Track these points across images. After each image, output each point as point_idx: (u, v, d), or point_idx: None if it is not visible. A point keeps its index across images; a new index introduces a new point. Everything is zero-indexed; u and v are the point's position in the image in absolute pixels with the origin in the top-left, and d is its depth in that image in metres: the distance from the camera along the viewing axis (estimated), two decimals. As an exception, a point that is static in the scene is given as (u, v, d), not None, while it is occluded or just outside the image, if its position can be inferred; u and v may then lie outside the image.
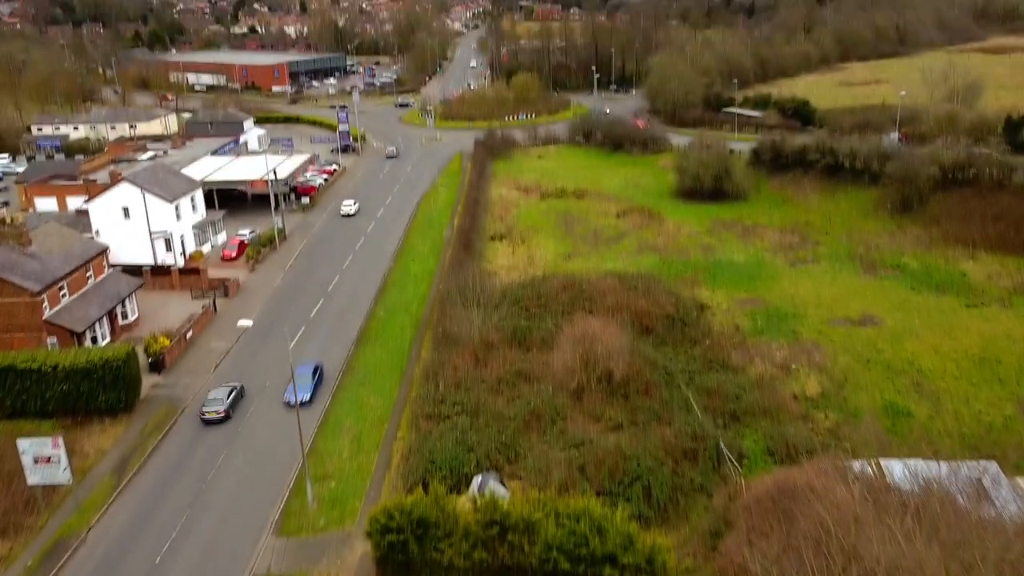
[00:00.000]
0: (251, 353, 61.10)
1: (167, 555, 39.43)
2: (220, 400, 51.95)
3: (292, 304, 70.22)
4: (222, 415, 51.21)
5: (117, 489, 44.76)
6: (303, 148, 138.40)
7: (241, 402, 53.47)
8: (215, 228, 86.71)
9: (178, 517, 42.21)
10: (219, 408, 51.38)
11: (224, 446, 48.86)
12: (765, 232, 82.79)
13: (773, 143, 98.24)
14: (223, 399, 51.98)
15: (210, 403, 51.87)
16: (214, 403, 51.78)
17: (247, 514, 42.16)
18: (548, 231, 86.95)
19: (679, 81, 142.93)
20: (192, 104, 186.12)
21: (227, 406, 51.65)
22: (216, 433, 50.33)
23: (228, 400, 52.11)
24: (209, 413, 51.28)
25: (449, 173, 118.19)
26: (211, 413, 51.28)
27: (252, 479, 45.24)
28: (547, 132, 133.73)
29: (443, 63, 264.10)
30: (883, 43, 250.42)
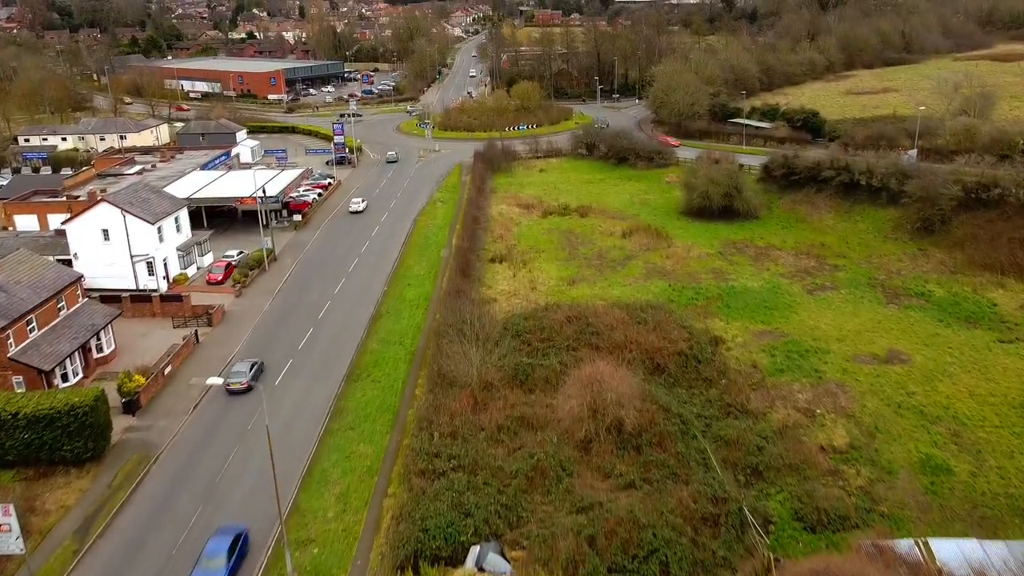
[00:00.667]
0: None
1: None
2: (243, 373, 56.78)
3: (279, 334, 66.08)
4: (245, 387, 55.70)
5: (78, 556, 40.60)
6: (298, 160, 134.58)
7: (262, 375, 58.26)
8: (201, 249, 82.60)
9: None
10: (242, 380, 56.01)
11: (200, 502, 44.75)
12: (779, 255, 78.68)
13: (785, 159, 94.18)
14: (246, 372, 56.89)
15: (234, 375, 56.75)
16: (238, 375, 56.60)
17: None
18: (550, 252, 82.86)
19: (684, 91, 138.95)
20: (185, 113, 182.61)
21: (249, 378, 56.28)
22: (192, 486, 46.20)
23: (250, 373, 56.93)
24: (233, 385, 55.86)
25: (447, 187, 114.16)
26: (235, 385, 55.87)
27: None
28: (549, 144, 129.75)
29: (443, 70, 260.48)
30: (888, 50, 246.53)
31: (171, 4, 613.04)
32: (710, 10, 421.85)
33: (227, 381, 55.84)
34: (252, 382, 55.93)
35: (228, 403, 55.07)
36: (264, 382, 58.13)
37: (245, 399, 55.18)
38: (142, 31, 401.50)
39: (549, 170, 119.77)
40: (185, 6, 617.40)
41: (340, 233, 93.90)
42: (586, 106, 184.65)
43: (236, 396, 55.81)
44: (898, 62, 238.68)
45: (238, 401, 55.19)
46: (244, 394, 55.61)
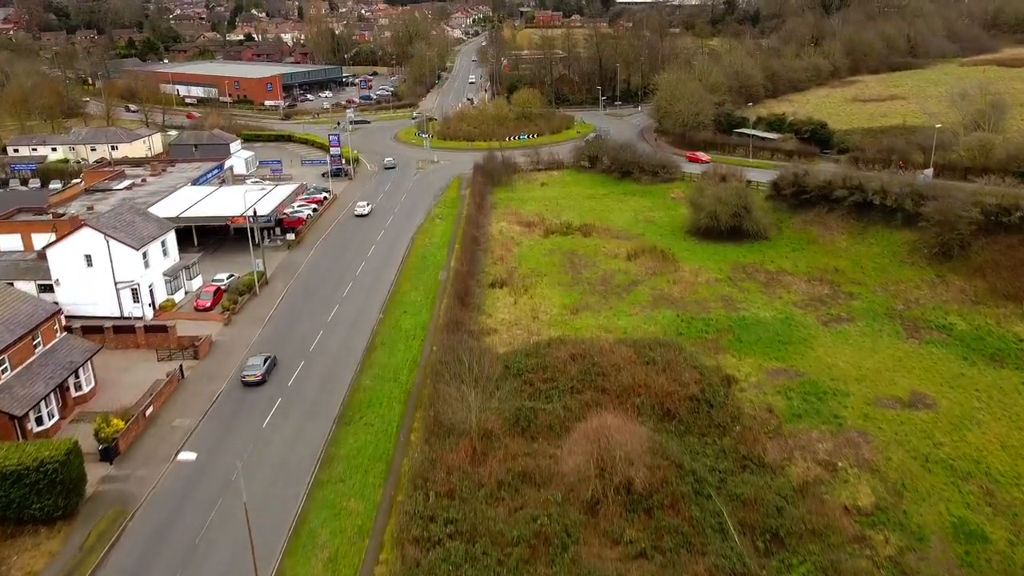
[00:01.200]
0: (218, 434, 53.78)
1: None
2: (258, 366, 60.65)
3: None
4: (259, 379, 59.72)
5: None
6: (293, 171, 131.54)
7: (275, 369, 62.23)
8: (190, 273, 79.41)
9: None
10: (257, 372, 59.98)
11: (178, 567, 41.62)
12: (791, 281, 75.51)
13: (795, 176, 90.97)
14: (260, 365, 60.73)
15: (249, 368, 60.60)
16: (253, 368, 60.47)
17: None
18: (553, 276, 79.68)
19: (688, 101, 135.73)
20: (180, 119, 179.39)
21: (264, 371, 60.25)
22: (170, 548, 43.07)
23: (264, 366, 60.75)
24: (249, 377, 59.75)
25: (446, 201, 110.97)
26: (250, 377, 59.76)
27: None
28: (550, 155, 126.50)
29: (442, 74, 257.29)
30: (894, 55, 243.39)
31: (169, 5, 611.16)
32: (712, 12, 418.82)
33: (242, 374, 60.34)
34: (266, 375, 60.24)
35: (212, 448, 51.94)
36: (252, 423, 55.14)
37: (234, 438, 52.11)
38: (140, 32, 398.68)
39: (551, 184, 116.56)
40: (183, 6, 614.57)
41: (335, 253, 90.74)
42: (587, 113, 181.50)
43: (250, 390, 59.14)
44: (903, 67, 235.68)
45: (223, 444, 52.06)
46: (258, 386, 59.70)
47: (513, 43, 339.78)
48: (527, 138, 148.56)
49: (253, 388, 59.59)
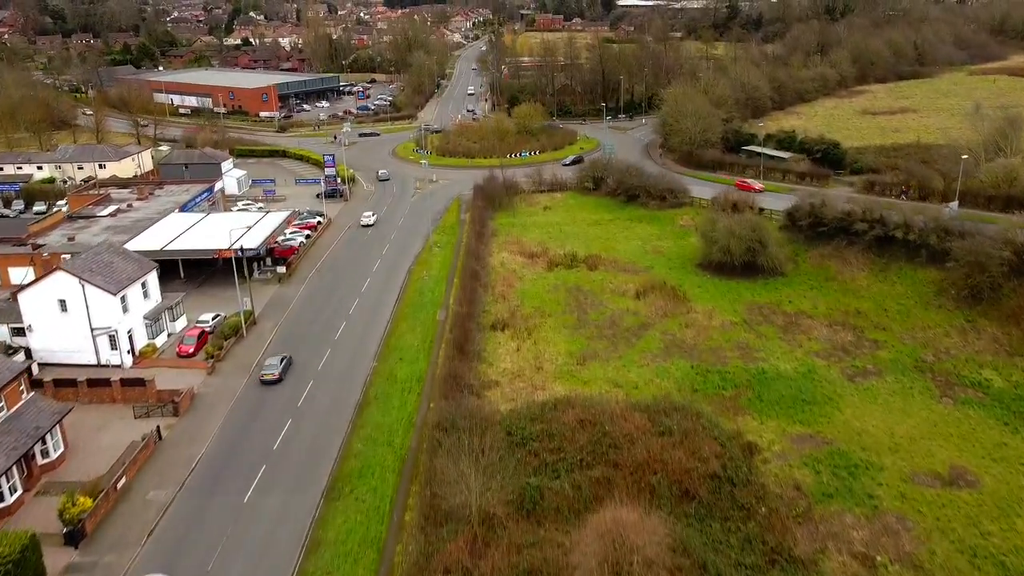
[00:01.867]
0: (194, 513, 49.31)
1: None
2: (275, 366, 65.68)
3: (252, 428, 58.50)
4: (277, 378, 64.71)
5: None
6: (287, 191, 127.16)
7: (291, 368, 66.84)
8: (173, 313, 74.94)
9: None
10: (274, 372, 65.00)
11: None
12: (811, 325, 71.06)
13: (811, 207, 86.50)
14: (277, 364, 65.77)
15: (267, 368, 65.66)
16: (270, 368, 65.57)
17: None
18: (557, 317, 75.25)
19: (695, 117, 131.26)
20: (173, 132, 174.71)
21: (280, 370, 65.28)
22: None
23: (281, 366, 65.71)
24: (267, 376, 64.83)
25: (445, 227, 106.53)
26: (268, 375, 64.84)
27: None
28: (553, 176, 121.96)
29: (441, 82, 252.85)
30: (901, 63, 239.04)
31: (167, 6, 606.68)
32: (715, 16, 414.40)
33: (261, 373, 65.30)
34: (283, 374, 65.14)
35: (188, 525, 47.52)
36: (233, 496, 50.72)
37: (211, 518, 47.66)
38: (136, 35, 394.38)
39: (554, 208, 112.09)
40: (181, 8, 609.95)
41: (328, 286, 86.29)
42: (590, 126, 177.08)
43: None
44: (911, 75, 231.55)
45: (198, 526, 47.59)
46: (276, 384, 64.43)
47: (513, 49, 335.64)
48: (529, 155, 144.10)
49: (236, 454, 55.14)
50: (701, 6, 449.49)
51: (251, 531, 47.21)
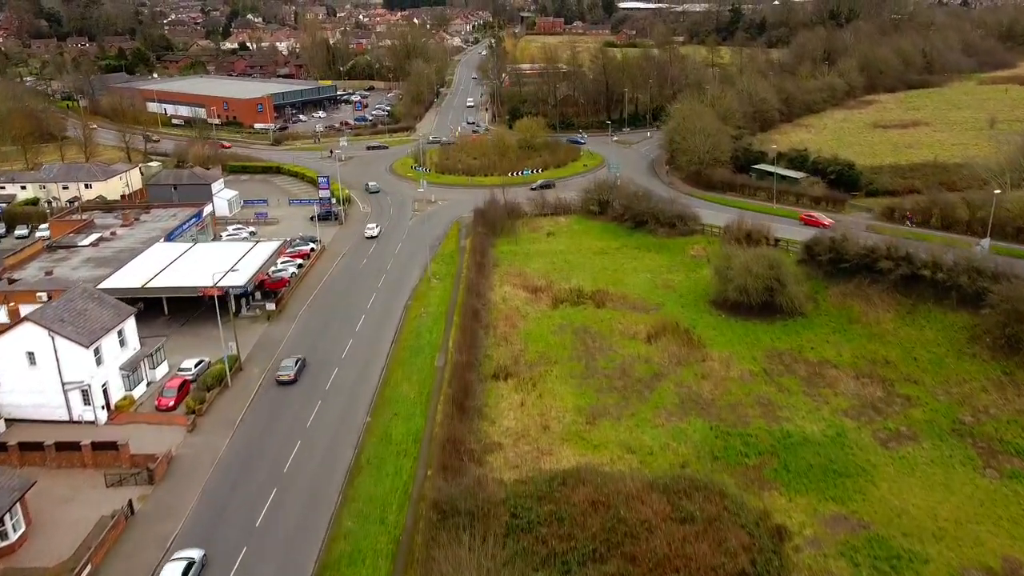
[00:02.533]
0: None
1: None
2: (290, 367, 69.57)
3: (233, 501, 53.66)
4: (292, 379, 68.67)
5: None
6: (280, 212, 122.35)
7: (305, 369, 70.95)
8: (153, 360, 70.10)
9: None
10: (290, 373, 68.91)
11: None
12: (836, 377, 66.20)
13: (832, 243, 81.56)
14: (292, 366, 69.69)
15: (283, 369, 69.65)
16: (286, 369, 69.49)
17: None
18: (564, 364, 70.42)
19: (703, 135, 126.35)
20: (165, 145, 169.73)
21: (295, 371, 69.27)
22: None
23: (296, 367, 69.72)
24: (282, 376, 68.62)
25: (444, 255, 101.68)
26: (284, 376, 68.66)
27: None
28: (557, 198, 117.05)
29: (441, 90, 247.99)
30: (910, 71, 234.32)
31: (164, 9, 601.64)
32: (717, 19, 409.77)
33: (277, 373, 69.34)
34: (297, 375, 69.33)
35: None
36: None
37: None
38: (132, 39, 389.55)
39: (558, 233, 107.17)
40: (179, 11, 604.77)
41: (320, 325, 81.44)
42: (594, 138, 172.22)
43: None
44: (920, 85, 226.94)
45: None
46: (291, 384, 68.51)
47: (514, 54, 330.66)
48: (531, 173, 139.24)
49: (215, 533, 50.32)
50: (703, 9, 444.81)
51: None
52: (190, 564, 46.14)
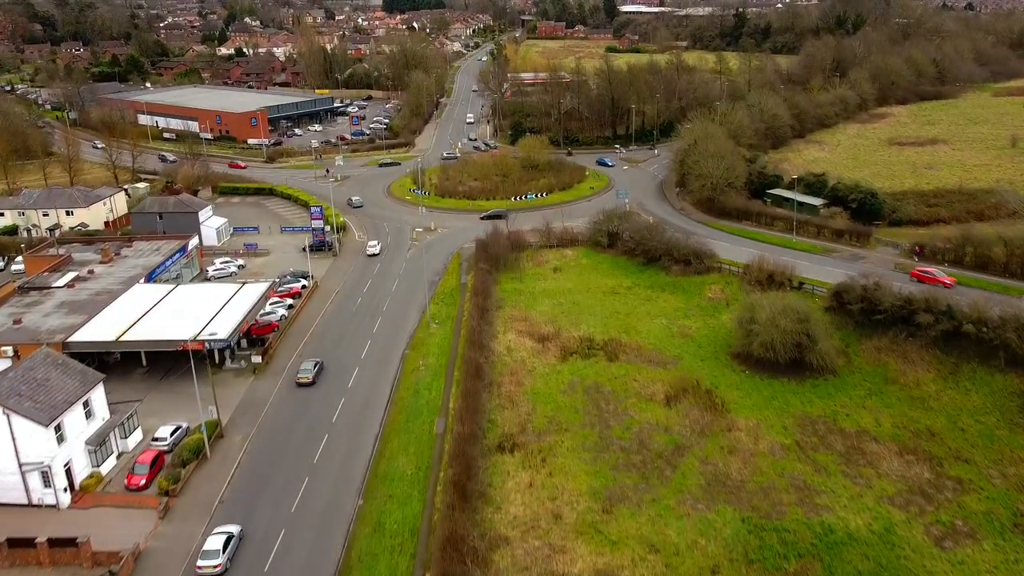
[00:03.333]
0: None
1: None
2: (309, 370, 73.50)
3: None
4: (311, 381, 72.57)
5: None
6: (271, 242, 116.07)
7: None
8: (125, 429, 63.87)
9: None
10: (309, 376, 72.79)
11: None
12: (878, 453, 59.95)
13: (864, 291, 75.32)
14: (311, 369, 73.55)
15: (302, 372, 73.53)
16: (305, 372, 73.41)
17: None
18: (575, 432, 64.21)
19: (717, 159, 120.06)
20: (154, 164, 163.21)
21: (314, 374, 73.22)
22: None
23: (314, 370, 73.68)
24: (302, 379, 72.56)
25: (444, 294, 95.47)
26: (303, 379, 72.62)
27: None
28: (563, 230, 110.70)
29: (441, 100, 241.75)
30: (922, 81, 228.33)
31: (161, 12, 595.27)
32: (721, 24, 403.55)
33: (296, 376, 73.63)
34: (315, 378, 73.55)
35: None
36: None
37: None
38: (127, 43, 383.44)
39: (565, 269, 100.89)
40: (176, 13, 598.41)
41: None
42: (600, 158, 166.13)
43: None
44: (933, 96, 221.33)
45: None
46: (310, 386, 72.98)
47: (515, 62, 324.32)
48: (535, 197, 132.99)
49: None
50: (707, 14, 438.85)
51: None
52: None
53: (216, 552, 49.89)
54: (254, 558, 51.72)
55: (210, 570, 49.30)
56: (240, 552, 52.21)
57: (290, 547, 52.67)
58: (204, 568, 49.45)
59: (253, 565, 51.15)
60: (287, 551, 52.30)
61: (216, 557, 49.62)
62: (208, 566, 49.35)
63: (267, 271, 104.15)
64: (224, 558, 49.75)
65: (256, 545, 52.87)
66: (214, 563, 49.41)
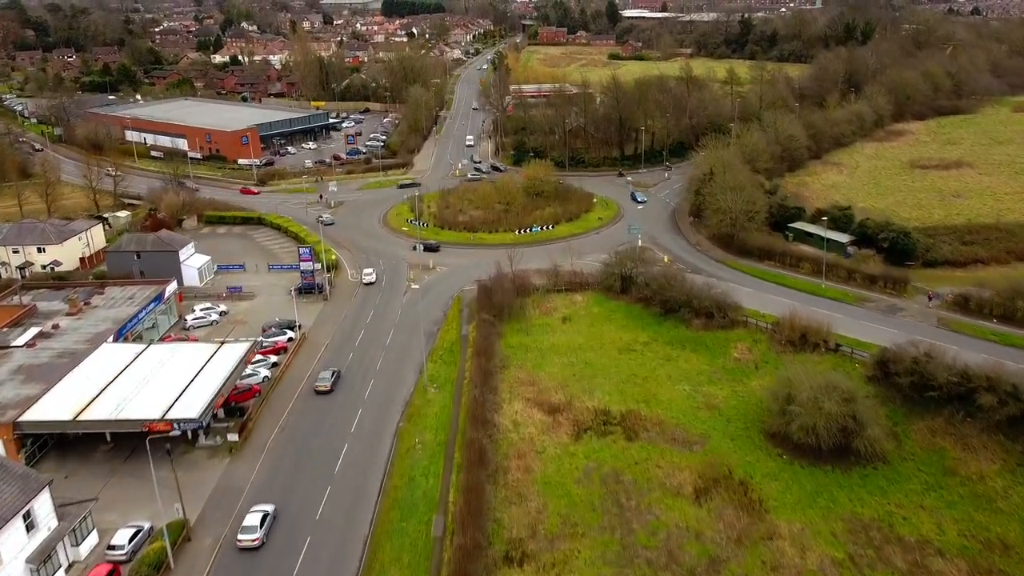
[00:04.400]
0: None
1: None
2: (327, 379, 76.87)
3: None
4: (329, 389, 76.05)
5: None
6: (256, 283, 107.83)
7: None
8: (77, 535, 55.61)
9: None
10: (327, 384, 76.19)
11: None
12: (945, 573, 51.71)
13: (914, 364, 67.15)
14: (329, 377, 77.11)
15: (320, 380, 76.94)
16: (323, 380, 76.74)
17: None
18: (593, 536, 56.04)
19: (736, 192, 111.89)
20: (139, 185, 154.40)
21: (331, 382, 76.80)
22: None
23: (332, 378, 77.21)
24: (320, 387, 76.15)
25: (443, 350, 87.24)
26: (321, 387, 76.16)
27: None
28: (572, 270, 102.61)
29: (440, 114, 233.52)
30: (939, 95, 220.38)
31: (157, 16, 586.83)
32: (727, 31, 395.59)
33: (314, 385, 76.39)
34: (334, 386, 76.38)
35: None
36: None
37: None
38: (120, 50, 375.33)
39: (575, 319, 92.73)
40: (172, 17, 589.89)
41: (292, 463, 66.83)
42: (606, 179, 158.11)
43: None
44: (951, 111, 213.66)
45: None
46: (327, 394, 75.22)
47: (517, 70, 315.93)
48: (540, 230, 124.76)
49: None
50: (711, 20, 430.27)
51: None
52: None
53: (254, 527, 56.20)
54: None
55: (249, 543, 55.50)
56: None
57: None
58: (244, 542, 55.53)
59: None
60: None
61: (254, 532, 55.95)
62: (247, 540, 55.55)
63: (252, 319, 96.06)
64: (261, 533, 56.07)
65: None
66: (252, 537, 55.73)
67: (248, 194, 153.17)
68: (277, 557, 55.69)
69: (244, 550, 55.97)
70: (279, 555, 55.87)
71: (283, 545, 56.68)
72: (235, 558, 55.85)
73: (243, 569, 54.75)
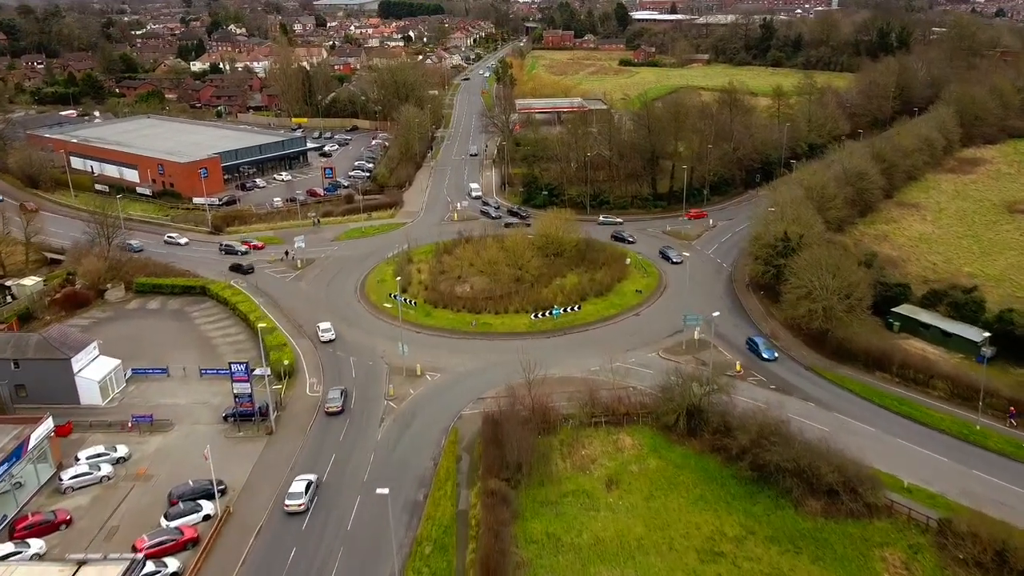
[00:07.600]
0: None
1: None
2: (336, 399, 74.75)
3: None
4: (339, 410, 73.86)
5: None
6: (180, 398, 78.71)
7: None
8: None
9: None
10: (338, 404, 74.17)
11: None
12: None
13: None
14: (338, 398, 74.90)
15: (330, 401, 74.80)
16: (333, 400, 74.70)
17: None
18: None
19: (832, 273, 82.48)
20: (69, 230, 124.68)
21: (341, 402, 74.33)
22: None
23: (342, 398, 74.93)
24: (331, 408, 74.04)
25: (430, 538, 58.16)
26: (332, 408, 74.08)
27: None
28: (613, 388, 73.48)
29: (437, 134, 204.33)
30: (1008, 115, 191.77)
31: (143, 18, 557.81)
32: (747, 35, 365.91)
33: (325, 406, 74.36)
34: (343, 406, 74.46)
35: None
36: None
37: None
38: (91, 54, 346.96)
39: (624, 481, 63.41)
40: (158, 19, 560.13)
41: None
42: (635, 222, 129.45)
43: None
44: (1022, 133, 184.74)
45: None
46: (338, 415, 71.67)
47: (522, 79, 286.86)
48: (562, 312, 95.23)
49: None
50: (729, 23, 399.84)
51: None
52: None
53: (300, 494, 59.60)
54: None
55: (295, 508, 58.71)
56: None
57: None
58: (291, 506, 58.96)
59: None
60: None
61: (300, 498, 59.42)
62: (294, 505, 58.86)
63: (161, 469, 67.31)
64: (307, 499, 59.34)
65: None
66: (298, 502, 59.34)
67: (254, 248, 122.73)
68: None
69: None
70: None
71: None
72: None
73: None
